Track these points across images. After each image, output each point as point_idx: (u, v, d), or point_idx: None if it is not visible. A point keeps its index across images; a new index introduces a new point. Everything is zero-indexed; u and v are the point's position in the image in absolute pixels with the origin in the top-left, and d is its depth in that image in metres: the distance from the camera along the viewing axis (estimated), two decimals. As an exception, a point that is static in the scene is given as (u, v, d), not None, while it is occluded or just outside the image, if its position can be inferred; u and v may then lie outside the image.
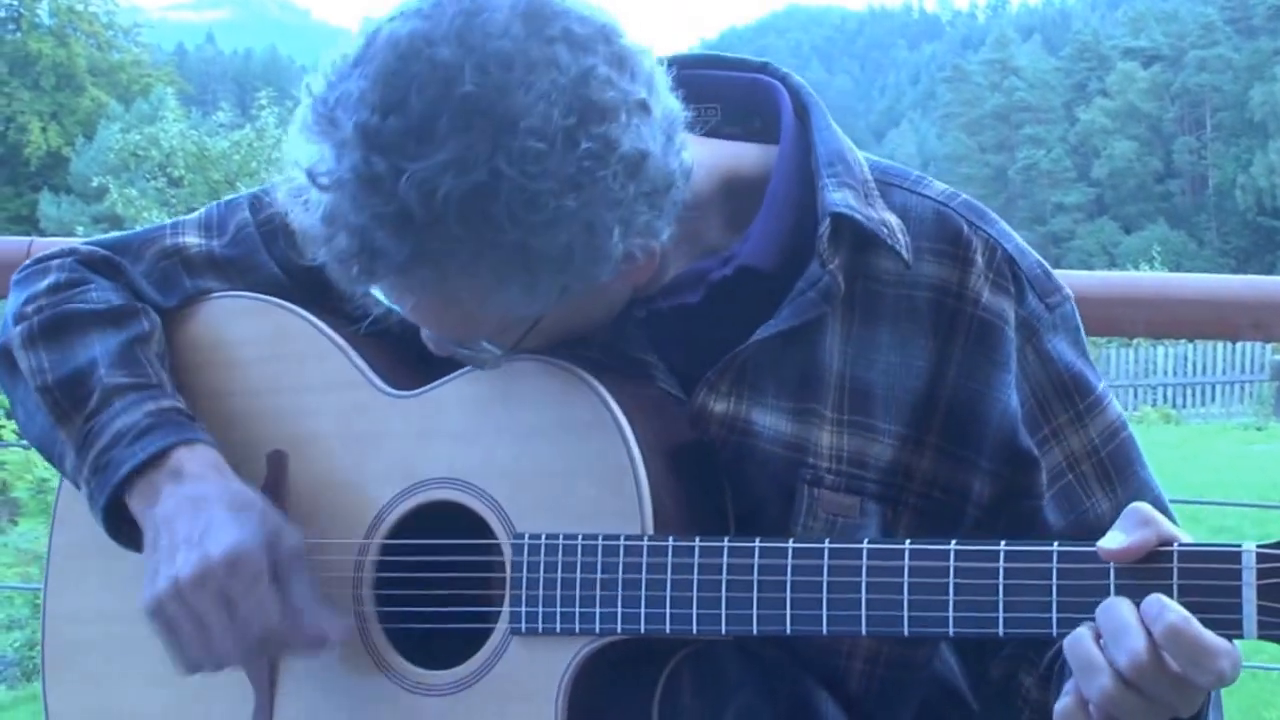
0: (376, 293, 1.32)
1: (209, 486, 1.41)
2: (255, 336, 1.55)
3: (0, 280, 2.08)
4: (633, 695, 1.33)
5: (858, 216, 1.35)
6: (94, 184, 32.85)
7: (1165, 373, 20.93)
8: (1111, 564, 1.17)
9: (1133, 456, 1.43)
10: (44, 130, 50.07)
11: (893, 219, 1.39)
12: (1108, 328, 2.04)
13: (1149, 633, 1.13)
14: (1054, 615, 1.20)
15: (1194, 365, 20.64)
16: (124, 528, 1.46)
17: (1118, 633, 1.14)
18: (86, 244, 1.62)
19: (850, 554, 1.25)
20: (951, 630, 1.22)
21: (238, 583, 1.35)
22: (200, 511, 1.38)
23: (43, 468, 7.86)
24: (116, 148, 34.33)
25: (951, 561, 1.22)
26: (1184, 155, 66.87)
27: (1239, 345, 19.29)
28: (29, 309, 1.54)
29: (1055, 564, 1.19)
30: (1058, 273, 1.48)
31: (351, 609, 1.43)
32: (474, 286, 1.23)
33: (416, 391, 1.45)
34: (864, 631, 1.24)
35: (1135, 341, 18.99)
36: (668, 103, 1.27)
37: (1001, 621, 1.20)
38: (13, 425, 8.15)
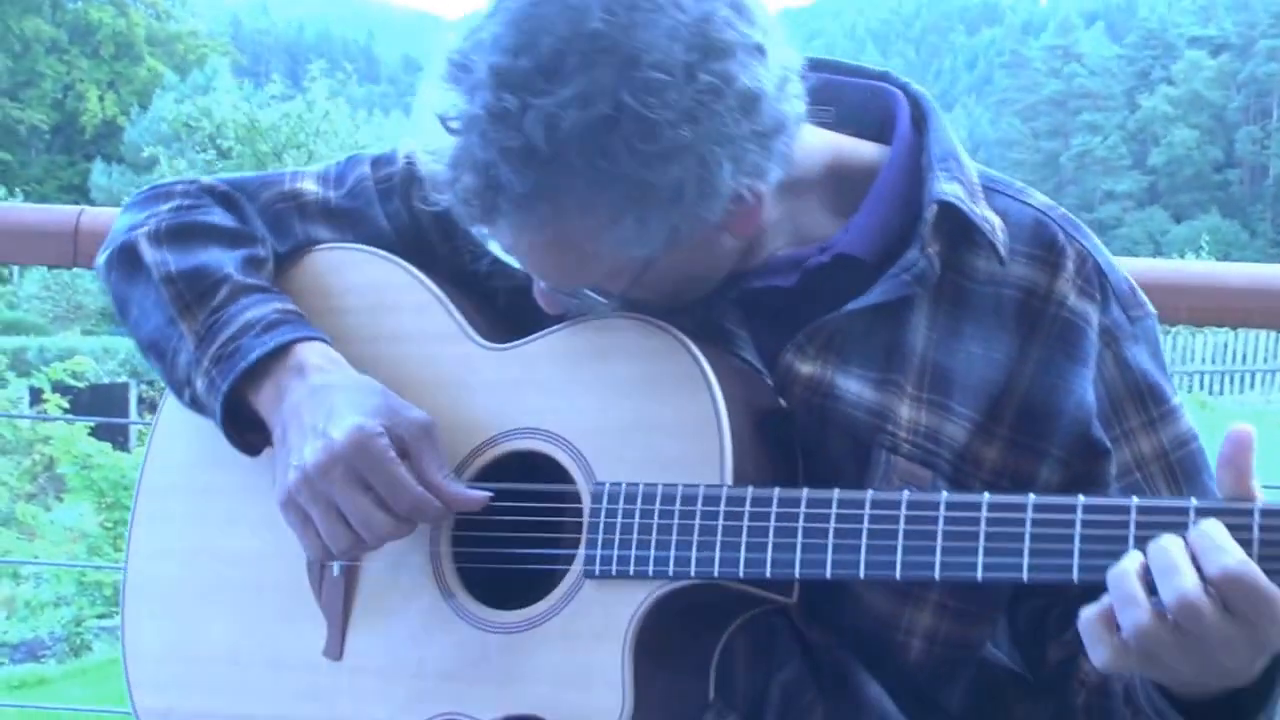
0: (495, 248, 1.40)
1: (331, 376, 1.46)
2: (359, 286, 1.60)
3: (42, 251, 2.14)
4: (694, 654, 1.37)
5: (963, 208, 1.39)
6: (145, 154, 32.92)
7: (1203, 360, 20.73)
8: (1190, 516, 1.17)
9: (1201, 465, 1.45)
10: (101, 99, 50.50)
11: (994, 218, 1.43)
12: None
13: (1200, 572, 1.13)
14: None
15: (1234, 354, 20.43)
16: (238, 427, 1.49)
17: (1168, 570, 1.13)
18: (208, 178, 1.67)
19: (929, 505, 1.26)
20: (1026, 576, 1.22)
21: (366, 461, 1.36)
22: (322, 401, 1.42)
23: (86, 443, 7.76)
24: (170, 118, 34.51)
25: (1029, 513, 1.23)
26: (1246, 145, 65.90)
27: (1281, 335, 19.07)
28: (150, 221, 1.59)
29: (1133, 515, 1.20)
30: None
31: (427, 547, 1.47)
32: (588, 224, 1.29)
33: (510, 345, 1.49)
34: (936, 577, 1.25)
35: (1175, 329, 18.62)
36: (784, 51, 1.32)
37: (1076, 568, 1.21)
38: (58, 400, 8.13)
